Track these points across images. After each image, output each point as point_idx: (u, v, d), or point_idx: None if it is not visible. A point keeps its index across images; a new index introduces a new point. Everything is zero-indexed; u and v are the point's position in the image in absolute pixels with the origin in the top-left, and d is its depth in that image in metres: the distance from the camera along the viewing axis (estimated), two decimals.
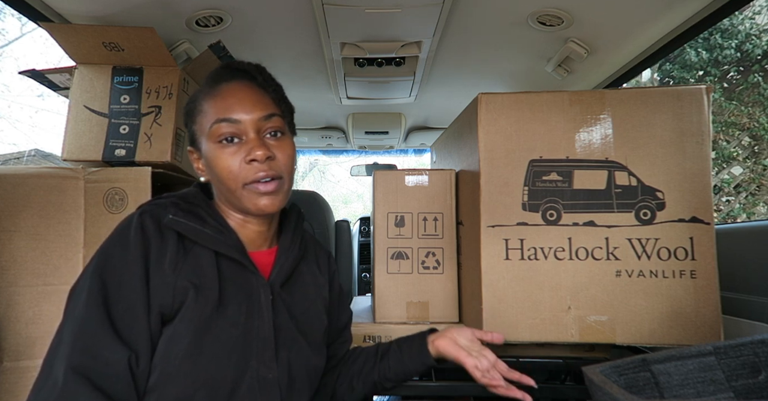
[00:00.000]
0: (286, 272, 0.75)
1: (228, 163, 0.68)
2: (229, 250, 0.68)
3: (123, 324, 0.60)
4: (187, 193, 0.74)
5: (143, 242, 0.64)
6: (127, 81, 1.15)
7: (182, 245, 0.67)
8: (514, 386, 0.75)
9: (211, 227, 0.68)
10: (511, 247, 0.87)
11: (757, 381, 0.60)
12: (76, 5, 1.15)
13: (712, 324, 0.83)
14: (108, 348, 0.58)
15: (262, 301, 0.69)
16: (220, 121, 0.68)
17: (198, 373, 0.62)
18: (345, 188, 12.04)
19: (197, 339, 0.62)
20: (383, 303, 1.03)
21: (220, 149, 0.68)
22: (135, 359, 0.60)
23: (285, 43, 1.42)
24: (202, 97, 0.72)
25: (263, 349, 0.68)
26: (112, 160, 1.11)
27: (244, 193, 0.69)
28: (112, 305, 0.61)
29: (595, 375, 0.54)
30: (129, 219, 0.67)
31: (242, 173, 0.68)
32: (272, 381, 0.68)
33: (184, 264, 0.65)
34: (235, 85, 0.71)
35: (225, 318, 0.65)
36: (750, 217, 6.20)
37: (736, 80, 6.34)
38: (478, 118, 0.89)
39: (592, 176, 0.86)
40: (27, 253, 0.99)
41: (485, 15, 1.27)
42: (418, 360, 0.80)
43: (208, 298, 0.64)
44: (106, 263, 0.63)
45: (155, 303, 0.62)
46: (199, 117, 0.71)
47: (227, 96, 0.70)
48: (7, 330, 0.96)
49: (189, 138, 0.75)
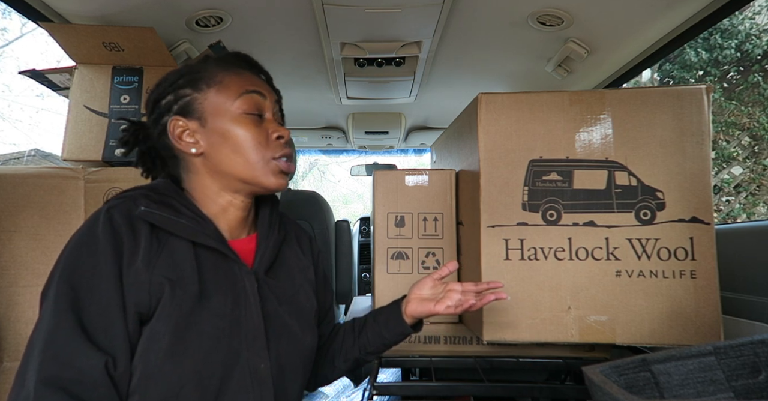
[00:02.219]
0: (269, 258, 0.73)
1: (256, 133, 0.69)
2: (207, 239, 0.66)
3: (97, 328, 0.58)
4: (157, 184, 0.71)
5: (113, 239, 0.60)
6: (127, 81, 1.15)
7: (156, 239, 0.63)
8: (486, 294, 0.76)
9: (186, 217, 0.66)
10: (511, 247, 0.87)
11: (757, 381, 0.60)
12: (76, 5, 1.15)
13: (712, 324, 0.83)
14: (81, 355, 0.56)
15: (248, 290, 0.67)
16: (250, 92, 0.70)
17: (183, 370, 0.60)
18: (345, 188, 12.04)
19: (178, 335, 0.60)
20: (383, 302, 1.03)
21: (246, 119, 0.69)
22: (113, 363, 0.57)
23: (285, 43, 1.42)
24: (218, 70, 0.71)
25: (254, 339, 0.66)
26: (112, 160, 1.11)
27: (268, 166, 0.70)
28: (83, 309, 0.58)
29: (595, 375, 0.54)
30: (96, 215, 0.63)
31: (271, 146, 0.70)
32: (264, 371, 0.66)
33: (159, 259, 0.62)
34: (252, 73, 0.74)
35: (209, 311, 0.63)
36: (750, 217, 6.20)
37: (736, 80, 6.34)
38: (478, 118, 0.89)
39: (592, 176, 0.86)
40: (27, 253, 0.99)
41: (485, 15, 1.27)
42: (397, 331, 0.80)
43: (187, 292, 0.62)
44: (73, 265, 0.59)
45: (131, 303, 0.59)
46: (216, 88, 0.70)
47: (249, 75, 0.73)
48: (7, 330, 0.96)
49: (177, 107, 0.70)
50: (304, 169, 9.55)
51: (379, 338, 0.81)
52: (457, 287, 0.78)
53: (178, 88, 0.71)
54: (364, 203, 11.18)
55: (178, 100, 0.70)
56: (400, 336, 0.81)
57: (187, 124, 0.70)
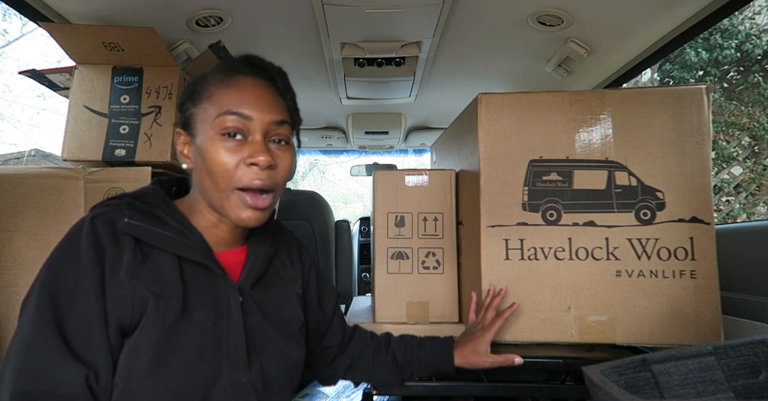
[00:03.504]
0: (257, 271, 0.72)
1: (225, 159, 0.62)
2: (192, 253, 0.64)
3: (78, 341, 0.56)
4: (143, 192, 0.68)
5: (96, 250, 0.59)
6: (127, 81, 1.15)
7: (140, 251, 0.61)
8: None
9: (172, 229, 0.64)
10: (511, 247, 0.87)
11: (757, 381, 0.60)
12: (76, 5, 1.15)
13: (712, 324, 0.83)
14: (60, 368, 0.54)
15: (231, 304, 0.66)
16: (230, 113, 0.63)
17: (165, 385, 0.59)
18: (345, 188, 12.04)
19: (160, 350, 0.59)
20: (383, 303, 1.03)
21: (220, 141, 0.63)
22: (94, 376, 0.56)
23: (285, 43, 1.42)
24: (214, 82, 0.66)
25: (235, 354, 0.64)
26: (112, 160, 1.11)
27: (232, 197, 0.64)
28: (65, 320, 0.56)
29: (595, 375, 0.54)
30: (79, 225, 0.61)
31: (237, 174, 0.63)
32: (246, 386, 0.65)
33: (143, 272, 0.60)
34: (254, 81, 0.67)
35: (190, 325, 0.61)
36: (750, 217, 6.20)
37: (736, 80, 6.34)
38: (478, 118, 0.89)
39: (592, 176, 0.86)
40: (27, 253, 0.99)
41: (485, 15, 1.27)
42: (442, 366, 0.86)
43: (170, 306, 0.60)
44: (55, 276, 0.58)
45: (113, 316, 0.58)
46: (206, 102, 0.65)
47: (243, 89, 0.65)
48: (7, 330, 0.96)
49: (181, 120, 0.69)
50: (304, 169, 9.55)
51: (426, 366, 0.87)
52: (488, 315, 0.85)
53: (186, 99, 0.69)
54: (364, 203, 11.18)
55: (183, 111, 0.69)
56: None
57: (183, 135, 0.69)
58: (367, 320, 1.05)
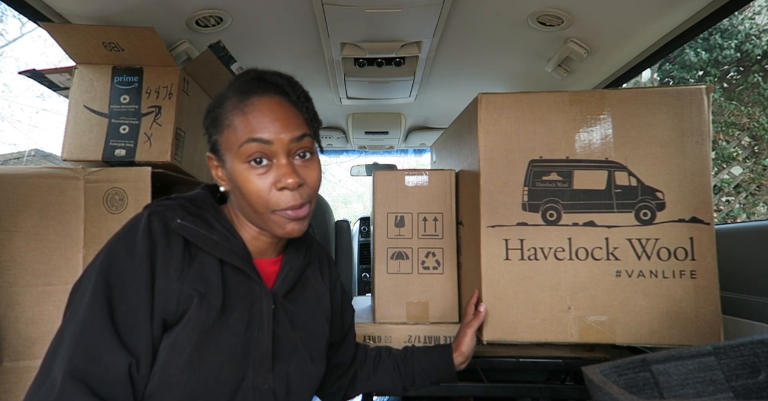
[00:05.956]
0: (290, 282, 0.74)
1: (258, 186, 0.65)
2: (234, 259, 0.67)
3: (125, 329, 0.59)
4: (195, 196, 0.72)
5: (150, 245, 0.62)
6: (127, 81, 1.15)
7: (188, 251, 0.65)
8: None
9: (218, 234, 0.67)
10: (511, 247, 0.87)
11: (756, 381, 0.60)
12: (76, 5, 1.15)
13: (712, 324, 0.83)
14: (109, 353, 0.57)
15: (264, 311, 0.69)
16: (251, 140, 0.64)
17: (197, 381, 0.61)
18: (345, 188, 12.04)
19: (199, 347, 0.62)
20: (383, 303, 1.03)
21: (249, 170, 0.65)
22: (136, 365, 0.59)
23: (285, 43, 1.42)
24: (231, 108, 0.67)
25: (261, 360, 0.67)
26: (112, 160, 1.11)
27: (272, 217, 0.67)
28: (116, 308, 0.59)
29: (595, 375, 0.54)
30: (137, 219, 0.65)
31: (273, 199, 0.65)
32: (267, 392, 0.67)
33: (190, 271, 0.64)
34: (267, 101, 0.67)
35: (227, 326, 0.65)
36: (750, 217, 6.20)
37: (736, 80, 6.34)
38: (478, 118, 0.89)
39: (592, 176, 0.86)
40: (27, 253, 0.99)
41: (485, 15, 1.27)
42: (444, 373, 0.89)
43: (211, 306, 0.63)
44: (111, 263, 0.61)
45: (158, 309, 0.61)
46: (227, 131, 0.67)
47: (258, 113, 0.66)
48: (7, 330, 0.96)
49: (210, 144, 0.71)
50: None
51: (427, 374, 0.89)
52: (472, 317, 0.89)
53: (209, 125, 0.71)
54: (364, 203, 11.18)
55: (210, 136, 0.71)
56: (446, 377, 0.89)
57: (215, 160, 0.71)
58: (367, 320, 1.05)
